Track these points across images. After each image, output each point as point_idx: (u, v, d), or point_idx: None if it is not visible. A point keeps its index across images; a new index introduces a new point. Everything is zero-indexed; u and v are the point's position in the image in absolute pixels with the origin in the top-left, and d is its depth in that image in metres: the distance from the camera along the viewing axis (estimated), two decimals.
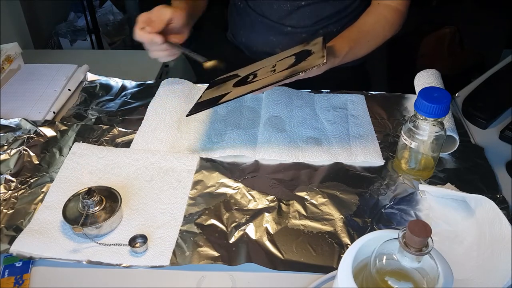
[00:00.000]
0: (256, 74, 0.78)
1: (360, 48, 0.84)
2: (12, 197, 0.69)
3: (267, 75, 0.74)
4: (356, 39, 0.83)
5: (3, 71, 0.95)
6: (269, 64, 0.79)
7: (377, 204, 0.68)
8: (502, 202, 0.68)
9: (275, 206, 0.68)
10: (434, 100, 0.64)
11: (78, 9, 1.87)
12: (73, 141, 0.80)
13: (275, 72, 0.74)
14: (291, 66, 0.73)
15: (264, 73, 0.75)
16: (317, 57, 0.70)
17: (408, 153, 0.72)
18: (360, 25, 0.86)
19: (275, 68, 0.76)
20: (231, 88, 0.76)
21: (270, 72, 0.74)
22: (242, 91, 0.72)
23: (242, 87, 0.74)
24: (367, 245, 0.48)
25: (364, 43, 0.85)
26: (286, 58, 0.78)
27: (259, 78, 0.75)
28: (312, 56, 0.72)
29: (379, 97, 0.92)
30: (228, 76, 0.85)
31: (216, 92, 0.79)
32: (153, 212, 0.67)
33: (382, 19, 0.86)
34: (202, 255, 0.61)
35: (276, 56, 0.83)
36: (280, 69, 0.74)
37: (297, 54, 0.77)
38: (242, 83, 0.76)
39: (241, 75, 0.81)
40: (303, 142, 0.79)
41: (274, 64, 0.77)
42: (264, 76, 0.74)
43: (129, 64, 1.23)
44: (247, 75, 0.79)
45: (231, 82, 0.80)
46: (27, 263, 0.59)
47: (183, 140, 0.80)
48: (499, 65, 1.00)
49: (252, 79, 0.76)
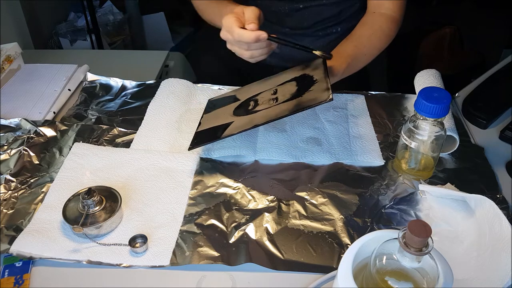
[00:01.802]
0: (257, 100, 0.78)
1: (357, 62, 0.84)
2: (12, 197, 0.69)
3: (269, 104, 0.74)
4: (353, 54, 0.82)
5: (3, 71, 0.95)
6: (269, 89, 0.79)
7: (377, 204, 0.68)
8: (502, 202, 0.68)
9: (275, 206, 0.68)
10: (434, 100, 0.64)
11: (78, 9, 1.87)
12: (73, 141, 0.80)
13: (277, 102, 0.74)
14: (294, 95, 0.73)
15: (266, 101, 0.76)
16: (321, 88, 0.70)
17: (408, 153, 0.72)
18: (356, 38, 0.85)
19: (277, 96, 0.76)
20: (232, 117, 0.76)
21: (272, 101, 0.74)
22: (245, 124, 0.72)
23: (245, 117, 0.74)
24: (367, 245, 0.48)
25: (361, 58, 0.84)
26: (287, 83, 0.78)
27: (261, 107, 0.75)
28: (316, 85, 0.72)
29: (379, 97, 0.92)
30: (226, 97, 0.85)
31: (217, 119, 0.79)
32: (153, 212, 0.67)
33: (378, 30, 0.86)
34: (202, 255, 0.61)
35: (274, 78, 0.83)
36: (283, 98, 0.74)
37: (298, 79, 0.77)
38: (243, 111, 0.77)
39: (240, 98, 0.82)
40: (303, 142, 0.79)
41: (275, 90, 0.77)
42: (267, 106, 0.74)
43: (129, 64, 1.23)
44: (247, 100, 0.79)
45: (230, 106, 0.80)
46: (27, 263, 0.59)
47: (183, 140, 0.80)
48: (499, 65, 1.00)
49: (253, 107, 0.76)
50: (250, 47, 0.72)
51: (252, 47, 0.72)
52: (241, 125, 0.72)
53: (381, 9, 0.87)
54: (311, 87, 0.72)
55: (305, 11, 0.94)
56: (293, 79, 0.78)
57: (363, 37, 0.85)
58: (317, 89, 0.71)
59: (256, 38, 0.69)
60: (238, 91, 0.85)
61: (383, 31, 0.86)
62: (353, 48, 0.83)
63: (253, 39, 0.69)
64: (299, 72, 0.79)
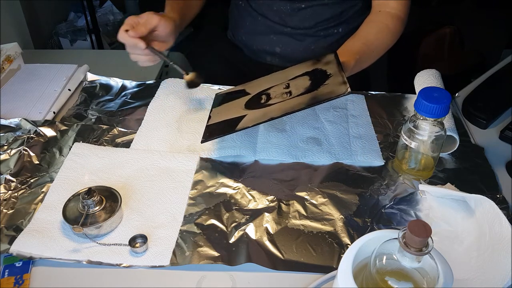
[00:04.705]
0: (269, 94, 0.77)
1: (365, 60, 0.84)
2: (12, 197, 0.69)
3: (283, 98, 0.73)
4: (361, 51, 0.82)
5: (3, 71, 0.95)
6: (281, 83, 0.79)
7: (377, 204, 0.68)
8: (502, 202, 0.68)
9: (275, 206, 0.68)
10: (434, 100, 0.64)
11: (78, 9, 1.87)
12: (73, 141, 0.80)
13: (291, 96, 0.73)
14: (309, 89, 0.72)
15: (279, 95, 0.75)
16: (337, 81, 0.70)
17: (408, 153, 0.72)
18: (363, 36, 0.86)
19: (290, 90, 0.75)
20: (243, 110, 0.76)
21: (286, 95, 0.74)
22: (259, 117, 0.71)
23: (258, 111, 0.73)
24: (367, 245, 0.48)
25: (369, 54, 0.85)
26: (299, 77, 0.77)
27: (274, 100, 0.74)
28: (331, 79, 0.71)
29: (379, 97, 0.92)
30: (235, 91, 0.85)
31: (227, 112, 0.78)
32: (153, 212, 0.67)
33: (384, 28, 0.86)
34: (202, 255, 0.61)
35: (285, 72, 0.82)
36: (297, 91, 0.73)
37: (310, 74, 0.77)
38: (256, 104, 0.76)
39: (250, 92, 0.81)
40: (303, 142, 0.79)
41: (287, 84, 0.77)
42: (280, 100, 0.73)
43: (129, 64, 1.22)
44: (258, 94, 0.78)
45: (241, 100, 0.79)
46: (27, 263, 0.59)
47: (183, 140, 0.80)
48: (499, 65, 1.00)
49: (266, 100, 0.75)
50: (132, 51, 0.78)
51: (133, 51, 0.78)
52: (255, 118, 0.71)
53: (386, 8, 0.88)
54: (326, 81, 0.72)
55: (307, 10, 0.94)
56: (305, 74, 0.78)
57: (370, 35, 0.86)
58: (333, 82, 0.70)
59: (133, 44, 0.75)
60: (247, 85, 0.84)
61: (389, 28, 0.86)
62: (361, 45, 0.84)
63: (130, 44, 0.76)
64: (311, 67, 0.79)
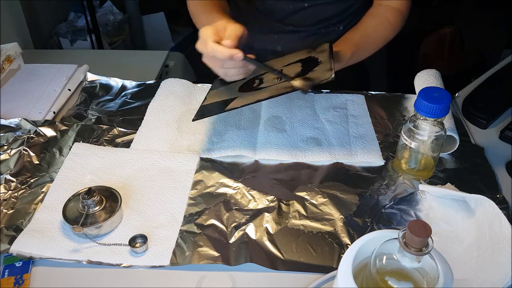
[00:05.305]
0: (262, 78, 0.78)
1: (362, 51, 0.84)
2: (12, 197, 0.69)
3: (273, 82, 0.74)
4: (358, 43, 0.83)
5: (3, 71, 0.95)
6: (275, 69, 0.79)
7: (377, 204, 0.68)
8: (502, 202, 0.68)
9: (275, 206, 0.68)
10: (434, 100, 0.64)
11: (78, 9, 1.87)
12: (73, 141, 0.80)
13: (281, 80, 0.74)
14: (298, 74, 0.73)
15: (270, 80, 0.76)
16: (324, 68, 0.70)
17: (408, 153, 0.72)
18: (362, 28, 0.86)
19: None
20: (236, 93, 0.76)
21: (277, 80, 0.74)
22: (249, 99, 0.72)
23: (249, 93, 0.74)
24: (367, 245, 0.48)
25: (366, 46, 0.85)
26: (293, 64, 0.78)
27: (265, 84, 0.75)
28: (320, 66, 0.72)
29: (379, 97, 0.92)
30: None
31: (221, 95, 0.79)
32: (153, 212, 0.67)
33: (384, 21, 0.86)
34: (202, 255, 0.61)
35: (281, 60, 0.82)
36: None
37: (303, 61, 0.77)
38: (248, 88, 0.76)
39: (245, 77, 0.81)
40: (303, 142, 0.79)
41: (280, 70, 0.78)
42: (271, 84, 0.74)
43: (129, 64, 1.23)
44: (253, 78, 0.79)
45: (236, 83, 0.80)
46: (27, 263, 0.59)
47: (183, 140, 0.80)
48: (499, 65, 1.00)
49: (258, 84, 0.76)
50: (224, 65, 0.68)
51: (226, 64, 0.68)
52: (244, 100, 0.73)
53: (387, 1, 0.88)
54: (315, 67, 0.72)
55: (309, 9, 0.94)
56: (298, 61, 0.79)
57: (370, 27, 0.86)
58: (321, 69, 0.71)
59: (230, 56, 0.65)
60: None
61: (390, 21, 0.86)
62: (359, 36, 0.84)
63: (227, 56, 0.65)
64: (305, 55, 0.79)
